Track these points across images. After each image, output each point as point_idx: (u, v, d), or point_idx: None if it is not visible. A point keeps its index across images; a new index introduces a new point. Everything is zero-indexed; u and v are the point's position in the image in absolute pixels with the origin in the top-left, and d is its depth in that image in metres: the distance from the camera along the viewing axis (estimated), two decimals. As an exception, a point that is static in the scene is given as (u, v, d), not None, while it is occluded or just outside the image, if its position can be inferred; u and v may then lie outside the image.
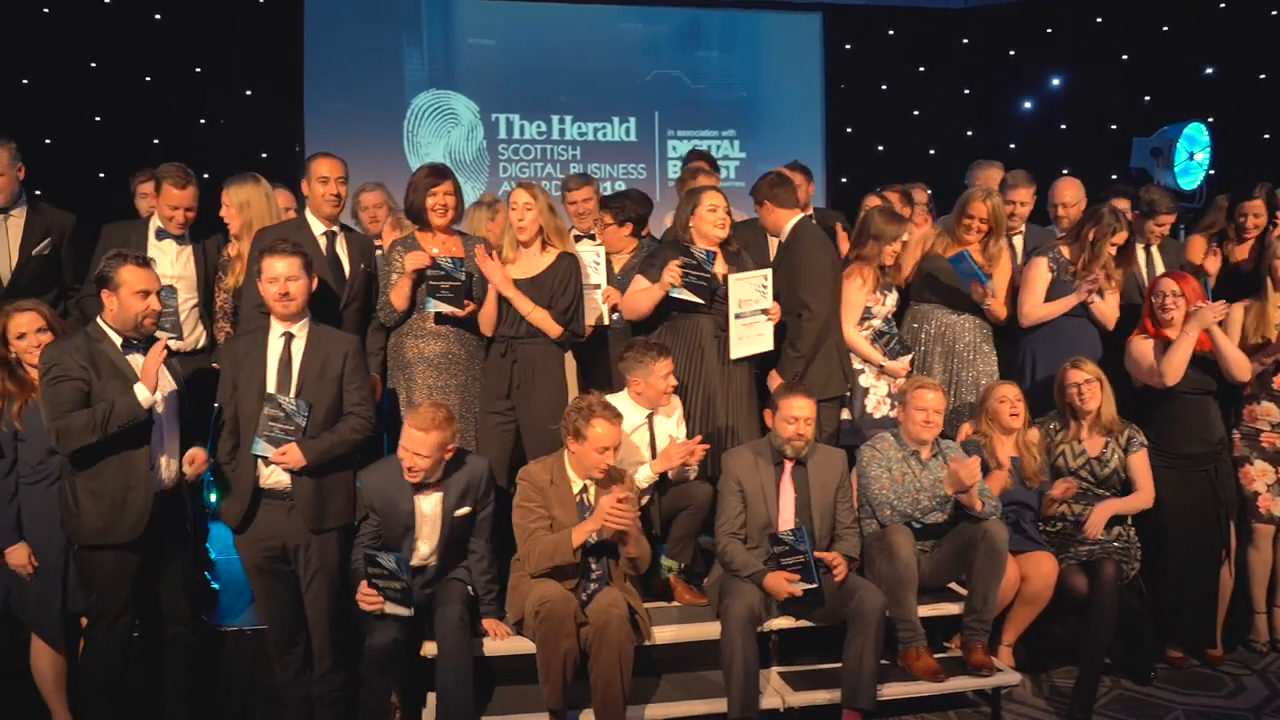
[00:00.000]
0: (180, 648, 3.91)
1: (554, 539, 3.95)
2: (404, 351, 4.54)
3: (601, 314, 4.84)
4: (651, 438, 4.43)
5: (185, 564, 3.94)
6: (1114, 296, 5.04)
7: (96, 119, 8.01)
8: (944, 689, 4.22)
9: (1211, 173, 6.64)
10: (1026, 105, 9.59)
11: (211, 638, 4.32)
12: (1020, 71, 9.55)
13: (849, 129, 9.64)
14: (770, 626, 4.27)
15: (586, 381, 4.75)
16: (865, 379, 4.96)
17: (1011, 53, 9.57)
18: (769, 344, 4.68)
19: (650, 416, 4.43)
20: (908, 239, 5.18)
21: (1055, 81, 9.50)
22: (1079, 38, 9.23)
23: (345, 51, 8.72)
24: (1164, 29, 8.92)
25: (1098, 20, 9.20)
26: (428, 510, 3.99)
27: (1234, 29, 8.60)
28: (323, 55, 8.66)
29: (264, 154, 8.00)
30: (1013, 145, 9.15)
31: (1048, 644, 4.70)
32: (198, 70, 8.25)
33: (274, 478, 3.85)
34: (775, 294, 4.67)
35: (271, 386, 3.84)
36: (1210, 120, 6.84)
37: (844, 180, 9.44)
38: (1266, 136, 8.60)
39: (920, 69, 9.65)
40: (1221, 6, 8.73)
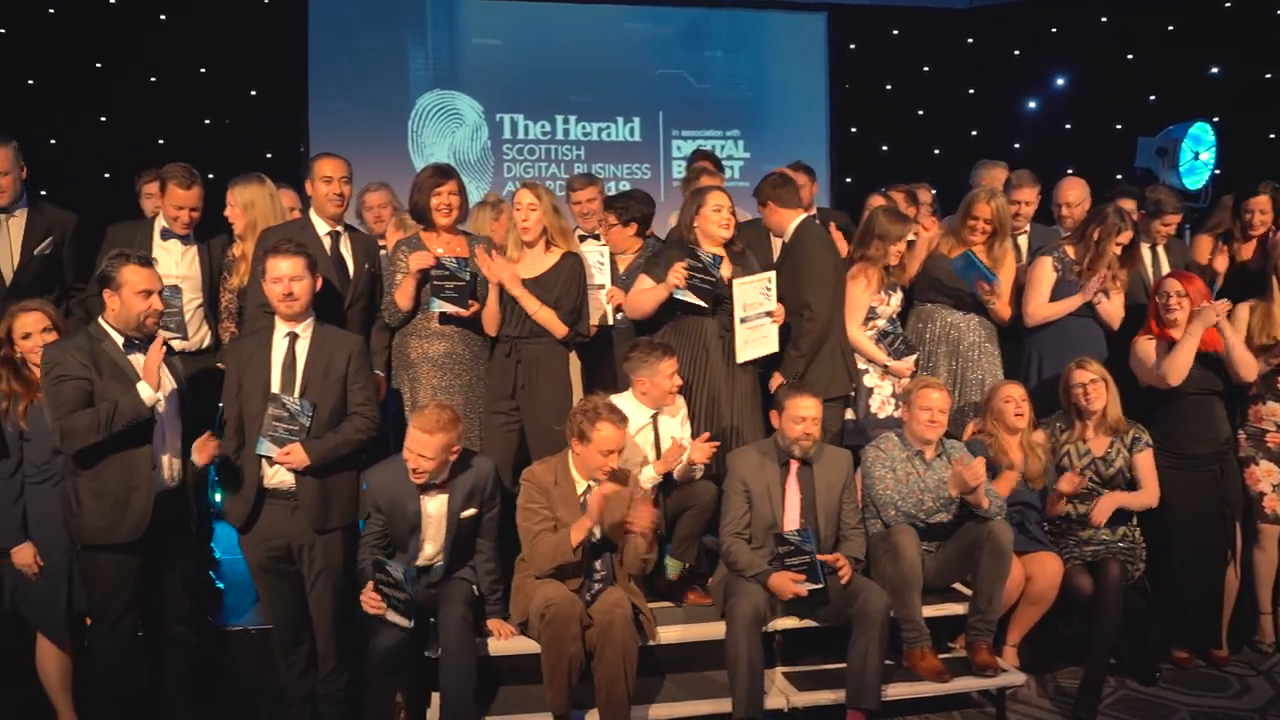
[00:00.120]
0: (183, 648, 3.91)
1: (554, 540, 3.96)
2: (408, 351, 4.55)
3: (605, 314, 4.85)
4: (656, 438, 4.43)
5: (188, 564, 3.94)
6: (1119, 296, 5.03)
7: (101, 119, 8.01)
8: (949, 689, 4.22)
9: (1217, 172, 6.63)
10: (1031, 105, 9.56)
11: (216, 637, 4.34)
12: (1025, 71, 9.52)
13: (854, 129, 9.62)
14: (775, 627, 4.27)
15: (591, 381, 4.75)
16: (870, 379, 4.96)
17: (1016, 52, 9.54)
18: (774, 346, 4.68)
19: (655, 416, 4.43)
20: (915, 239, 5.18)
21: (1060, 81, 9.48)
22: (1083, 37, 9.20)
23: (350, 51, 8.71)
24: (1169, 28, 8.89)
25: (1102, 20, 9.18)
26: (433, 511, 3.99)
27: (1239, 28, 8.57)
28: (327, 55, 8.66)
29: (268, 154, 7.99)
30: (1017, 145, 9.13)
31: (1052, 644, 4.69)
32: (202, 70, 8.25)
33: (278, 477, 3.85)
34: (779, 295, 4.67)
35: (276, 386, 3.84)
36: (1215, 120, 6.83)
37: (848, 180, 9.41)
38: (1272, 136, 8.57)
39: (925, 69, 9.63)
40: (1227, 6, 8.70)
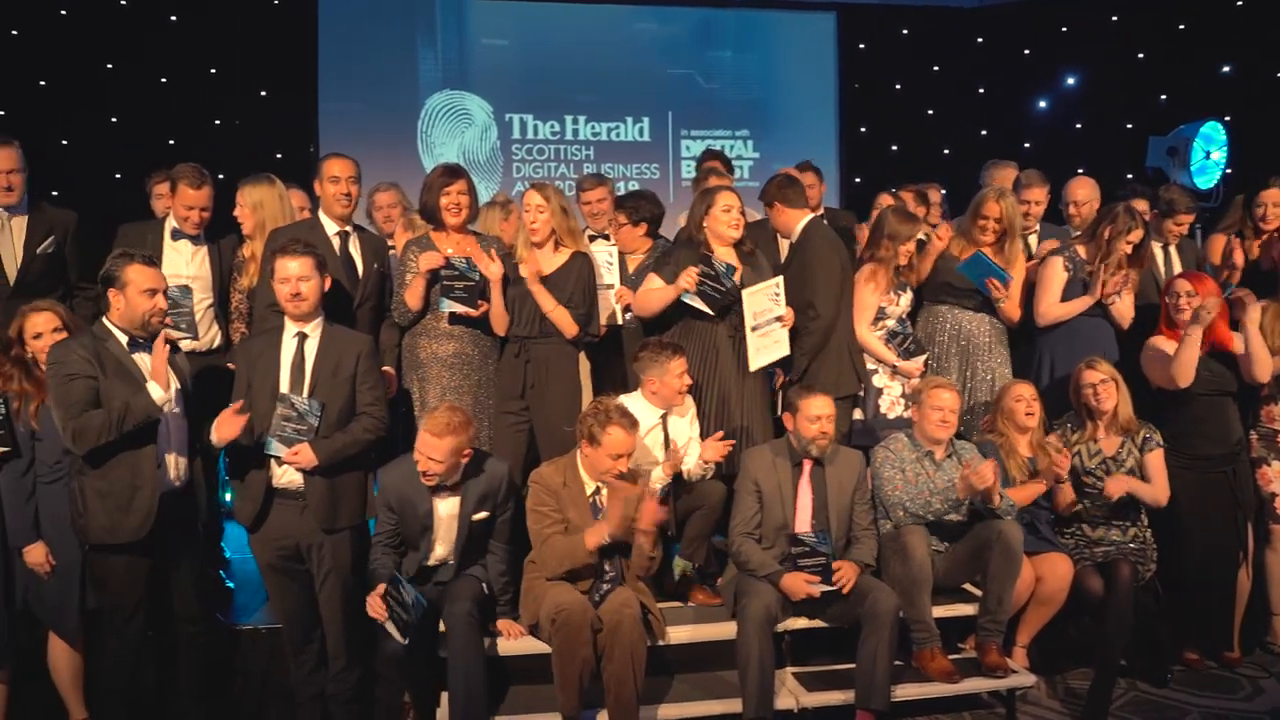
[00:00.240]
0: (193, 647, 3.91)
1: (569, 542, 3.95)
2: (418, 351, 4.56)
3: (615, 314, 4.85)
4: (666, 438, 4.43)
5: (196, 563, 3.95)
6: (1129, 296, 5.02)
7: (112, 120, 8.05)
8: (958, 690, 4.21)
9: (1228, 172, 6.61)
10: (1041, 104, 9.55)
11: (227, 636, 4.35)
12: (1035, 70, 9.51)
13: (863, 129, 9.62)
14: (785, 627, 4.26)
15: (600, 381, 4.75)
16: (879, 379, 4.95)
17: (1026, 51, 9.53)
18: (786, 349, 4.66)
19: (664, 416, 4.43)
20: (925, 239, 5.16)
21: (1070, 80, 9.46)
22: (1094, 36, 9.18)
23: (359, 52, 8.75)
24: (1180, 27, 8.87)
25: (1113, 19, 9.16)
26: (445, 513, 3.99)
27: (1251, 27, 8.54)
28: (337, 56, 8.69)
29: (278, 154, 8.03)
30: (1027, 144, 9.11)
31: (1063, 645, 4.67)
32: (212, 71, 8.29)
33: (287, 477, 3.86)
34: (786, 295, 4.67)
35: (285, 386, 3.85)
36: (1227, 119, 6.81)
37: (858, 180, 9.42)
38: (1284, 135, 8.55)
39: (934, 68, 9.62)
40: (1238, 4, 8.67)
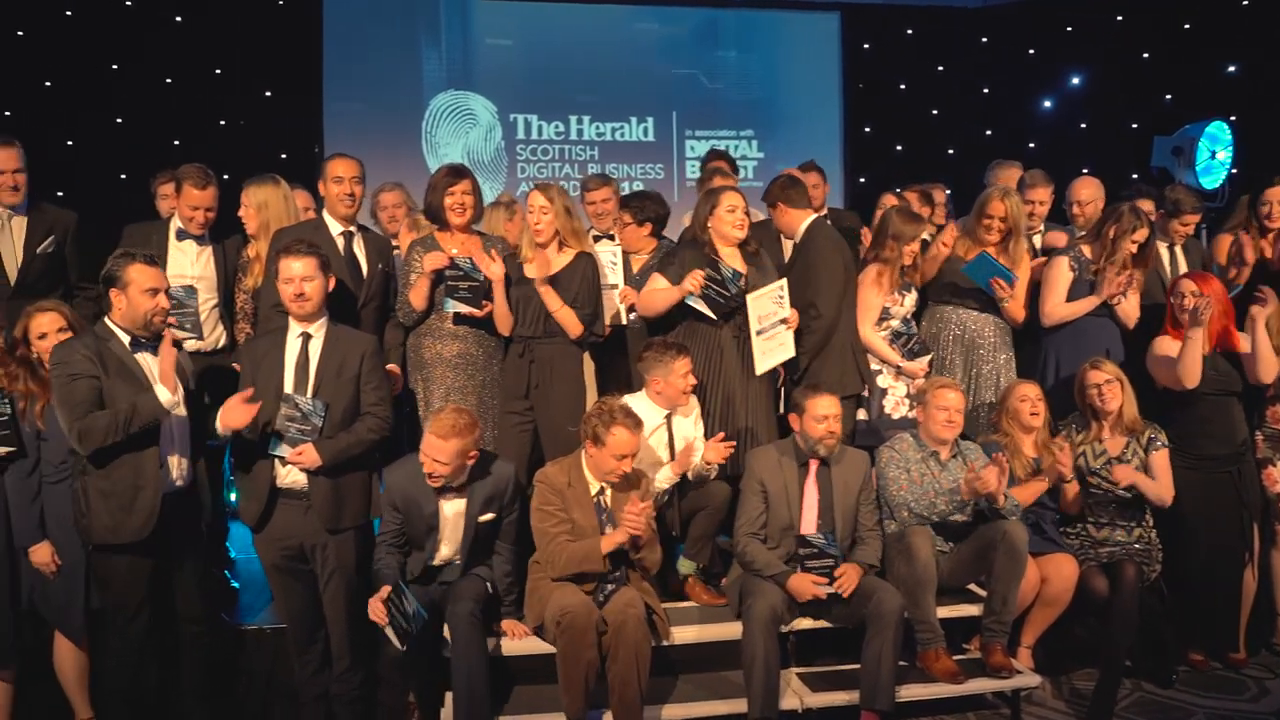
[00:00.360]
0: (197, 647, 3.91)
1: (583, 547, 3.94)
2: (422, 352, 4.56)
3: (619, 313, 4.85)
4: (670, 438, 4.43)
5: (200, 564, 3.94)
6: (1135, 296, 5.00)
7: (117, 120, 8.07)
8: (963, 690, 4.21)
9: (1234, 171, 6.59)
10: (1046, 104, 9.53)
11: (232, 636, 4.35)
12: (1040, 70, 9.49)
13: (867, 129, 9.62)
14: (790, 627, 4.26)
15: (605, 381, 4.75)
16: (884, 379, 4.94)
17: (1031, 51, 9.51)
18: (792, 350, 4.66)
19: (669, 417, 4.43)
20: (929, 239, 5.16)
21: (1075, 80, 9.45)
22: (1099, 36, 9.16)
23: (364, 52, 8.76)
24: (1185, 26, 8.85)
25: (1118, 18, 9.14)
26: (450, 514, 3.99)
27: (1256, 26, 8.51)
28: (341, 56, 8.70)
29: (283, 155, 8.04)
30: (1032, 145, 9.11)
31: (1068, 646, 4.66)
32: (217, 72, 8.31)
33: (291, 477, 3.86)
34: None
35: (289, 386, 3.85)
36: (1232, 119, 6.79)
37: (862, 180, 9.41)
38: (1289, 134, 8.53)
39: (939, 68, 9.61)
40: (1244, 4, 8.65)
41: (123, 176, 7.62)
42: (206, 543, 4.11)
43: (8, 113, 7.55)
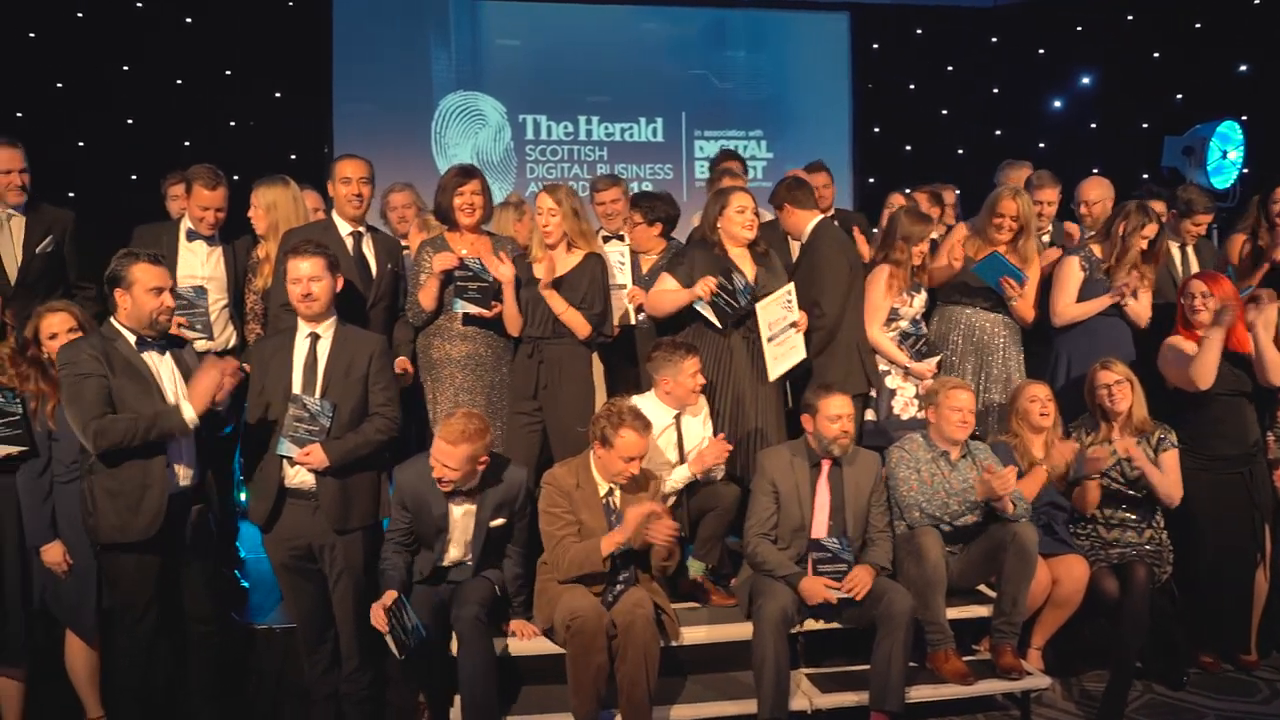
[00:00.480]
0: (205, 646, 3.91)
1: (583, 548, 3.94)
2: (431, 352, 4.56)
3: (627, 313, 4.85)
4: (679, 438, 4.43)
5: (208, 563, 3.94)
6: (1146, 295, 4.99)
7: (128, 121, 8.09)
8: (973, 692, 4.19)
9: (1245, 171, 6.57)
10: (1056, 104, 9.51)
11: (242, 636, 4.36)
12: (1050, 70, 9.47)
13: (876, 129, 9.60)
14: (801, 628, 4.25)
15: (613, 382, 4.75)
16: (892, 380, 4.94)
17: (1041, 51, 9.49)
18: (803, 353, 4.67)
19: (678, 417, 4.43)
20: (938, 239, 5.14)
21: (1085, 80, 9.42)
22: (1109, 35, 9.13)
23: (373, 53, 8.77)
24: (1196, 26, 8.82)
25: (1129, 18, 9.11)
26: (460, 516, 3.98)
27: (1267, 25, 8.47)
28: (351, 57, 8.72)
29: (293, 155, 8.05)
30: (1042, 145, 9.08)
31: (1078, 647, 4.64)
32: (227, 73, 8.33)
33: (299, 477, 3.86)
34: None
35: (297, 387, 3.86)
36: (1244, 118, 6.77)
37: (871, 180, 9.40)
38: (1302, 134, 8.49)
39: (948, 68, 9.59)
40: (1255, 3, 8.61)
41: (133, 177, 7.64)
42: (216, 542, 4.12)
43: (19, 114, 7.57)
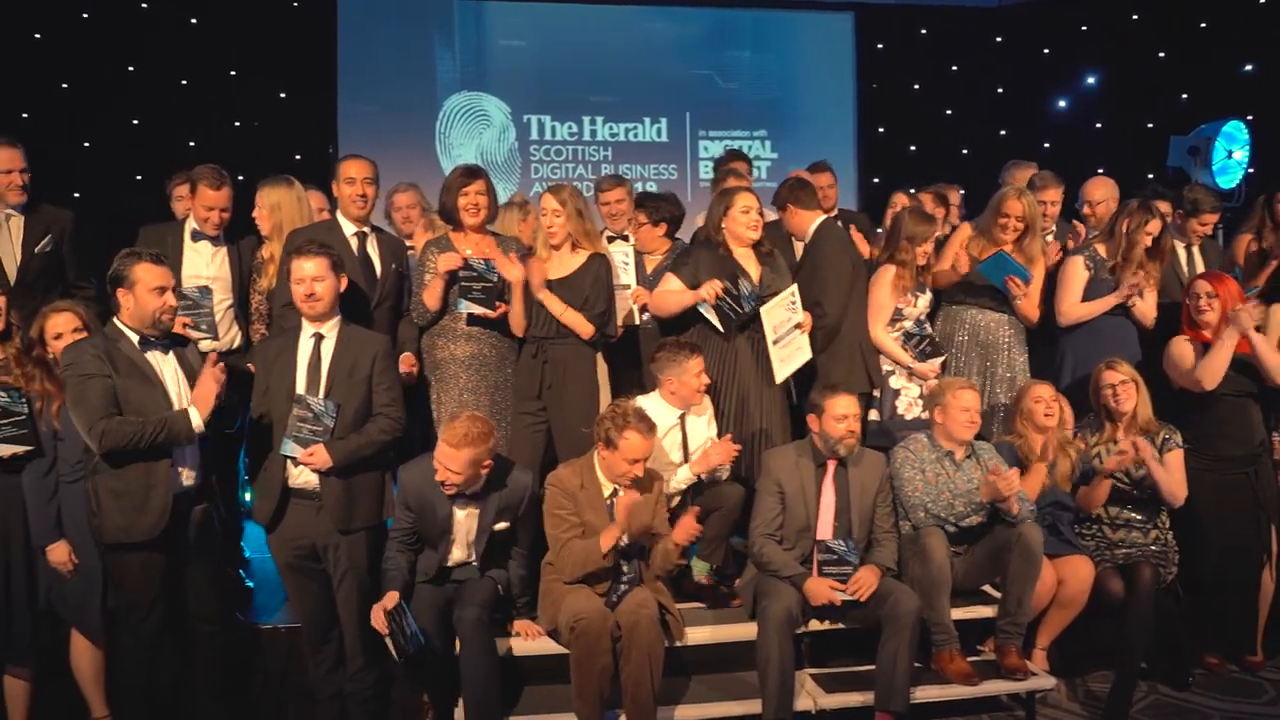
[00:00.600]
0: (210, 646, 3.92)
1: (584, 546, 3.94)
2: (435, 352, 4.56)
3: (631, 313, 4.85)
4: (684, 439, 4.43)
5: (213, 563, 3.95)
6: (1151, 294, 4.99)
7: (133, 122, 8.11)
8: (977, 692, 4.19)
9: (1250, 171, 6.56)
10: (1061, 104, 9.50)
11: (247, 635, 4.36)
12: (1054, 70, 9.46)
13: (881, 129, 9.60)
14: (806, 629, 4.25)
15: (618, 382, 4.75)
16: (896, 380, 4.93)
17: (1045, 51, 9.48)
18: (808, 354, 4.67)
19: (682, 417, 4.43)
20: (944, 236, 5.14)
21: (1090, 80, 9.41)
22: (1114, 35, 9.12)
23: (378, 54, 8.79)
24: (1201, 25, 8.80)
25: (1133, 17, 9.10)
26: (463, 518, 3.98)
27: (1273, 25, 8.45)
28: (356, 57, 8.73)
29: (297, 155, 8.07)
30: (1047, 145, 9.07)
31: (1083, 648, 4.64)
32: (232, 73, 8.35)
33: (303, 478, 3.86)
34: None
35: (301, 387, 3.86)
36: (1249, 118, 6.76)
37: (876, 180, 9.40)
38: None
39: (953, 68, 9.58)
40: (1260, 2, 8.60)
41: (138, 178, 7.65)
42: (221, 542, 4.13)
43: (25, 114, 7.59)
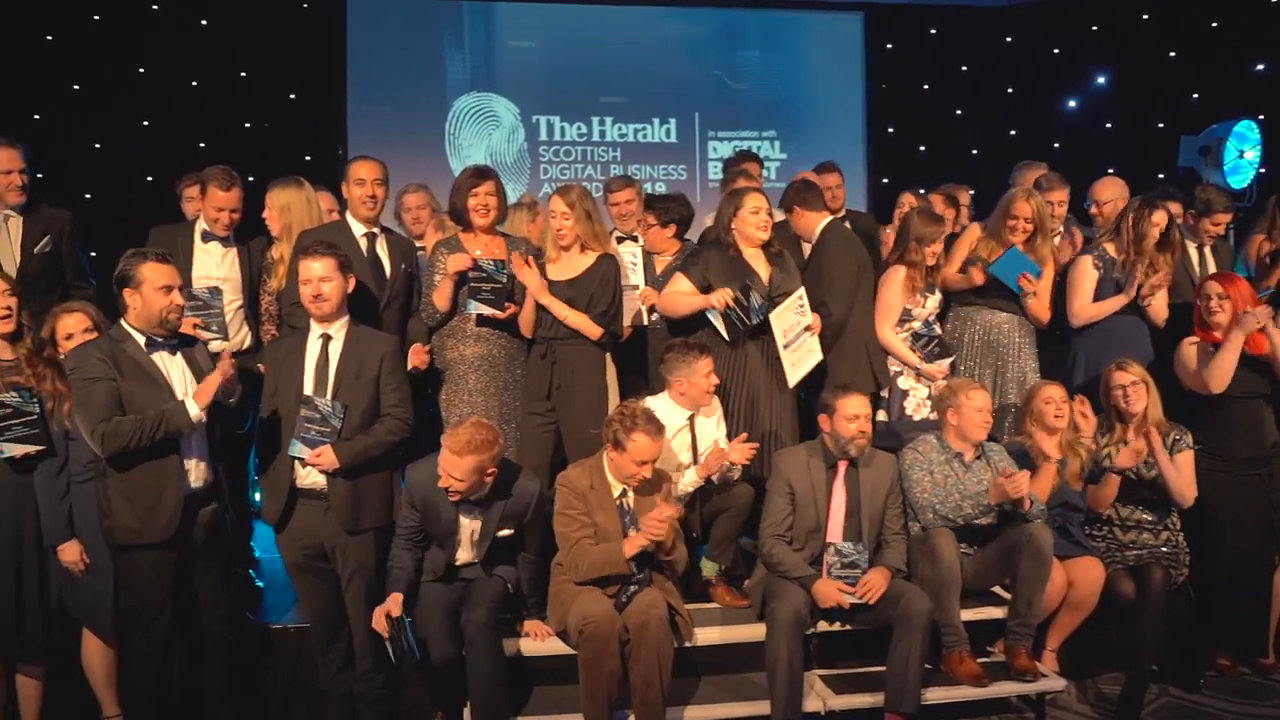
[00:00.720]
0: (220, 646, 3.93)
1: (605, 550, 3.94)
2: (445, 353, 4.57)
3: (640, 313, 4.85)
4: (693, 439, 4.43)
5: (223, 563, 3.96)
6: (1162, 293, 4.97)
7: (144, 123, 8.13)
8: (987, 694, 4.19)
9: (1262, 171, 6.53)
10: (1071, 104, 9.46)
11: (257, 635, 4.37)
12: (1064, 70, 9.42)
13: (890, 129, 9.57)
14: (815, 630, 4.24)
15: (626, 383, 4.75)
16: (905, 381, 4.93)
17: (1055, 51, 9.45)
18: (819, 355, 4.67)
19: (691, 418, 4.42)
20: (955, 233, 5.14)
21: (1100, 80, 9.37)
22: (1125, 35, 9.08)
23: (388, 55, 8.79)
24: (1212, 25, 8.77)
25: (1143, 17, 9.07)
26: (468, 523, 3.97)
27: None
28: (365, 58, 8.74)
29: (307, 156, 8.07)
30: (1057, 145, 9.03)
31: (1093, 649, 4.63)
32: (242, 74, 8.36)
33: (311, 478, 3.87)
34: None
35: (309, 388, 3.86)
36: (1261, 118, 6.73)
37: (885, 181, 9.37)
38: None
39: (962, 68, 9.55)
40: (1272, 1, 8.56)
41: (148, 179, 7.67)
42: (231, 542, 4.13)
43: (36, 115, 7.62)
